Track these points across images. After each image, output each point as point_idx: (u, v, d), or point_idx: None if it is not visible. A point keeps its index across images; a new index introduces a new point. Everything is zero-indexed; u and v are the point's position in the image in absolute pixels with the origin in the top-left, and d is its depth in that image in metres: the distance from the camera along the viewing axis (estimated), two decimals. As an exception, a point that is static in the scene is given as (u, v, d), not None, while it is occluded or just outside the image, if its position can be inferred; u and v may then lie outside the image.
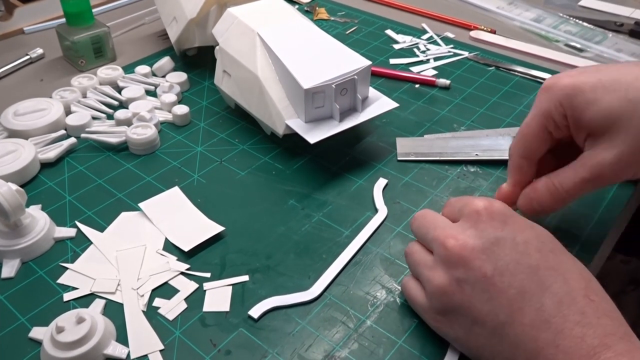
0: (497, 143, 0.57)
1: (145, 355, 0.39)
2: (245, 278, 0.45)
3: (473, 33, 0.79)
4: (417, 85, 0.68)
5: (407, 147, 0.58)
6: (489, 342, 0.35)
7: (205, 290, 0.44)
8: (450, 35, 0.79)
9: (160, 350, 0.40)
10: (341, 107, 0.54)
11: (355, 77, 0.53)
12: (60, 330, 0.38)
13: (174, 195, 0.52)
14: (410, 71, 0.70)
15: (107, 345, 0.40)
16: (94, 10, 0.72)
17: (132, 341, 0.40)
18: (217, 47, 0.61)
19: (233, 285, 0.44)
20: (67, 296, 0.43)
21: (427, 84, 0.68)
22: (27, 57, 0.74)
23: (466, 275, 0.35)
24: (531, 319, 0.33)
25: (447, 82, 0.67)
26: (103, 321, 0.40)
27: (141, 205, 0.51)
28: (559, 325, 0.32)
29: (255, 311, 0.42)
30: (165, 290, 0.44)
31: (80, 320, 0.39)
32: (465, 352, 0.37)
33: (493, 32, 0.80)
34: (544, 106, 0.41)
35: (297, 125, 0.53)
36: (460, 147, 0.57)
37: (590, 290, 0.33)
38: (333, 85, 0.52)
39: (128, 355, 0.40)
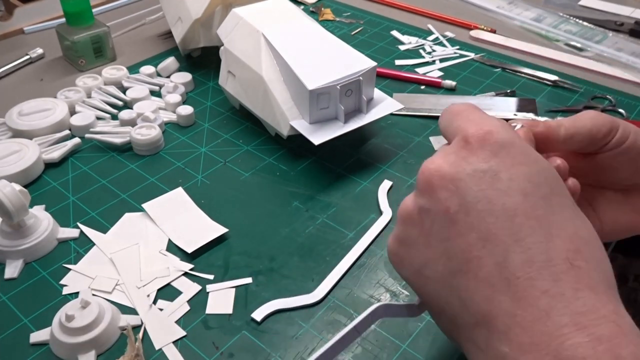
0: (492, 102, 0.63)
1: (160, 349, 0.40)
2: (249, 280, 0.45)
3: (473, 32, 0.79)
4: (422, 87, 0.68)
5: (401, 101, 0.58)
6: (436, 291, 0.29)
7: (208, 293, 0.44)
8: (451, 35, 0.79)
9: (183, 337, 0.41)
10: (346, 109, 0.53)
11: (360, 78, 0.53)
12: (70, 318, 0.39)
13: (178, 196, 0.52)
14: (416, 72, 0.70)
15: (119, 319, 0.41)
16: (94, 10, 0.72)
17: (153, 334, 0.41)
18: (221, 48, 0.60)
19: (236, 287, 0.44)
20: (66, 290, 0.44)
21: (432, 85, 0.68)
22: (27, 57, 0.74)
23: (429, 206, 0.29)
24: (488, 272, 0.26)
25: (453, 83, 0.67)
26: (105, 301, 0.42)
27: (145, 206, 0.50)
28: (521, 289, 0.25)
29: (259, 314, 0.42)
30: (168, 292, 0.44)
31: (86, 304, 0.40)
32: (417, 293, 0.32)
33: (493, 31, 0.79)
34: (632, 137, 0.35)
35: (302, 126, 0.53)
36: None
37: (578, 254, 0.26)
38: (338, 87, 0.51)
39: (151, 345, 0.40)
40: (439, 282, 0.28)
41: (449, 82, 0.67)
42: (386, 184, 0.53)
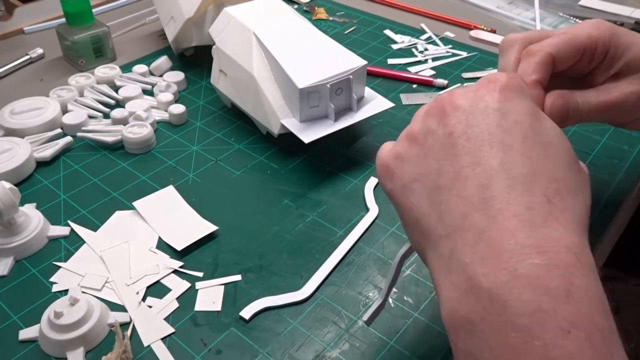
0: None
1: (149, 346, 0.40)
2: (238, 278, 0.45)
3: (473, 32, 0.79)
4: (414, 86, 0.68)
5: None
6: (418, 203, 0.31)
7: (197, 290, 0.44)
8: (450, 35, 0.79)
9: (172, 334, 0.41)
10: (336, 107, 0.53)
11: (351, 76, 0.53)
12: (59, 315, 0.39)
13: (169, 194, 0.52)
14: (408, 71, 0.70)
15: (108, 316, 0.41)
16: (93, 10, 0.72)
17: (142, 331, 0.41)
18: (213, 47, 0.61)
19: (225, 284, 0.44)
20: (56, 287, 0.44)
21: (424, 84, 0.68)
22: (27, 57, 0.74)
23: (435, 128, 0.31)
24: (471, 192, 0.28)
25: (445, 82, 0.67)
26: (94, 298, 0.42)
27: (135, 204, 0.51)
28: (495, 210, 0.27)
29: (247, 312, 0.42)
30: (157, 289, 0.44)
31: (75, 301, 0.40)
32: (397, 205, 0.33)
33: (493, 31, 0.80)
34: (594, 34, 0.41)
35: (292, 124, 0.53)
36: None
37: (557, 194, 0.28)
38: (328, 85, 0.52)
39: (139, 342, 0.40)
40: (423, 196, 0.31)
41: (441, 81, 0.67)
42: (372, 181, 0.53)
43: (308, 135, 0.52)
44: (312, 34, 0.58)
